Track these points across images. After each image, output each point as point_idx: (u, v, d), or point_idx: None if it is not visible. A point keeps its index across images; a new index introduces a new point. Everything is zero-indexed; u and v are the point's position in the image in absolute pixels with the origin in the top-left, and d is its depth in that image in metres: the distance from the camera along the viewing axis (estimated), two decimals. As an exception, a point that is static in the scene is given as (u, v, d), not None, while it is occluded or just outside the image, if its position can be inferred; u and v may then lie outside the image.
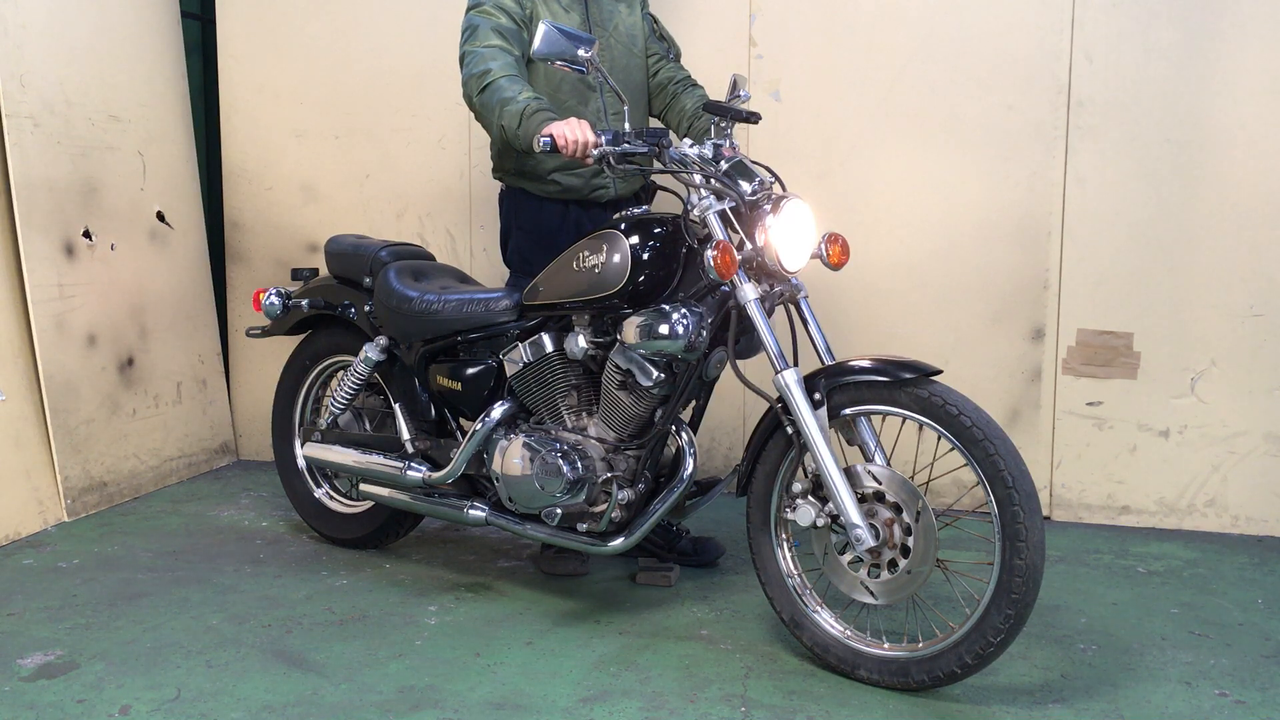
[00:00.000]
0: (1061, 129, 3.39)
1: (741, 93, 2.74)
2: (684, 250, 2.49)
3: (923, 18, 3.47)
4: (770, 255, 2.33)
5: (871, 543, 2.22)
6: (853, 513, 2.22)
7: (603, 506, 2.58)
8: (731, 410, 3.74)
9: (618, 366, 2.52)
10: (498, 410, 2.75)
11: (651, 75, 3.05)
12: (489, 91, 2.67)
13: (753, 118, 2.75)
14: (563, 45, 2.39)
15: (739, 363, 2.44)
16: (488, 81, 2.68)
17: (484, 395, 2.83)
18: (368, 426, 3.21)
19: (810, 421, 2.25)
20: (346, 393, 3.10)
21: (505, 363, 2.76)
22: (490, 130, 2.75)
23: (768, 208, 2.35)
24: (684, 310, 2.40)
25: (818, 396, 2.27)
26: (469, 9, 2.83)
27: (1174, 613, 2.74)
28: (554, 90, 2.84)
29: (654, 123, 3.13)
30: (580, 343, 2.58)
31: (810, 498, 2.31)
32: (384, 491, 2.98)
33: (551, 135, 2.43)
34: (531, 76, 2.82)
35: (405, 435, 2.97)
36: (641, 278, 2.46)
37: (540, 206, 2.93)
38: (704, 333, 2.41)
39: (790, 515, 2.35)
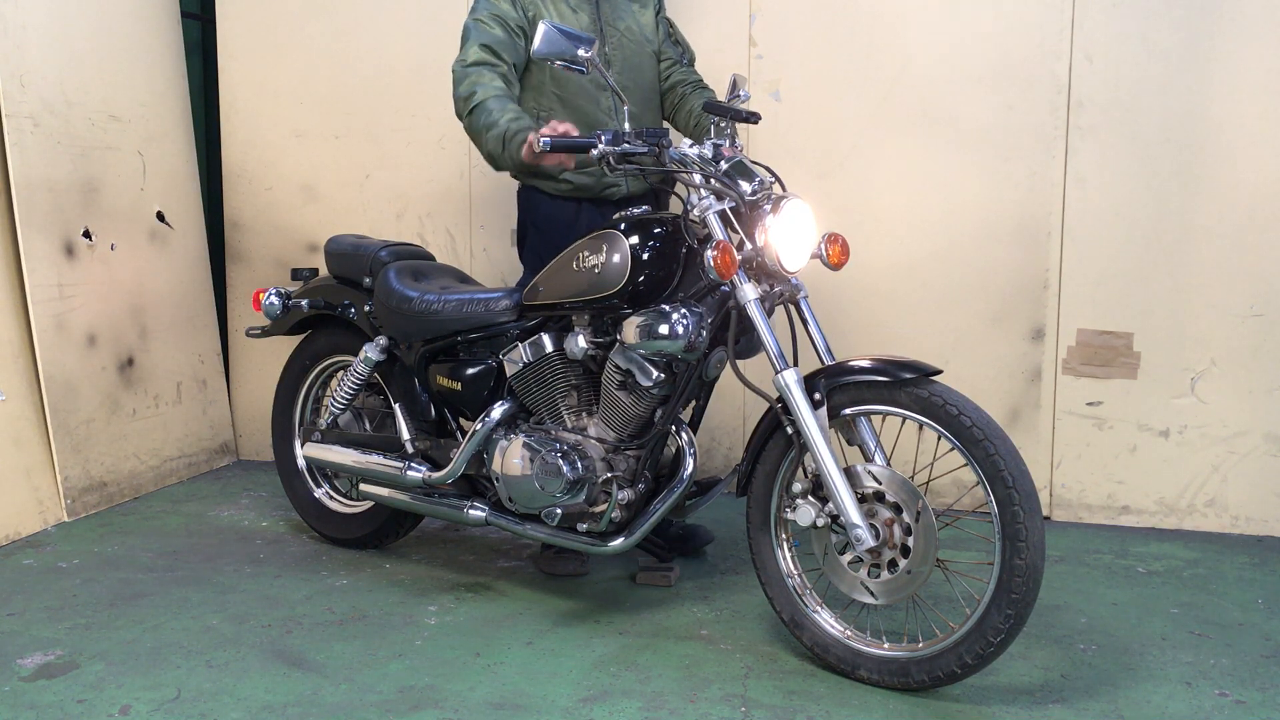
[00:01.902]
0: (1061, 129, 3.40)
1: (741, 93, 2.74)
2: (684, 250, 2.49)
3: (923, 18, 3.47)
4: (770, 255, 2.33)
5: (871, 543, 2.22)
6: (853, 513, 2.22)
7: (603, 506, 2.58)
8: (731, 410, 3.74)
9: (618, 366, 2.52)
10: (498, 410, 2.75)
11: (664, 78, 3.07)
12: (475, 114, 2.71)
13: (752, 118, 2.75)
14: (563, 45, 2.39)
15: (739, 363, 2.44)
16: (473, 105, 2.71)
17: (484, 395, 2.83)
18: (368, 426, 3.21)
19: (810, 421, 2.25)
20: (346, 393, 3.10)
21: (505, 363, 2.76)
22: (481, 152, 2.76)
23: (768, 208, 2.35)
24: (684, 310, 2.40)
25: (818, 396, 2.27)
26: (469, 15, 2.85)
27: (1174, 613, 2.74)
28: (560, 89, 2.85)
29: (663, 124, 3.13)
30: (580, 343, 2.58)
31: (810, 498, 2.31)
32: (384, 491, 2.98)
33: (548, 137, 2.41)
34: (539, 76, 2.83)
35: (405, 435, 2.97)
36: (641, 278, 2.45)
37: (553, 204, 2.95)
38: (704, 333, 2.41)
39: (790, 515, 2.35)
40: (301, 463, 3.27)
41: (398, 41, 3.94)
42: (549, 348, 2.67)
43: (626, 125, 2.46)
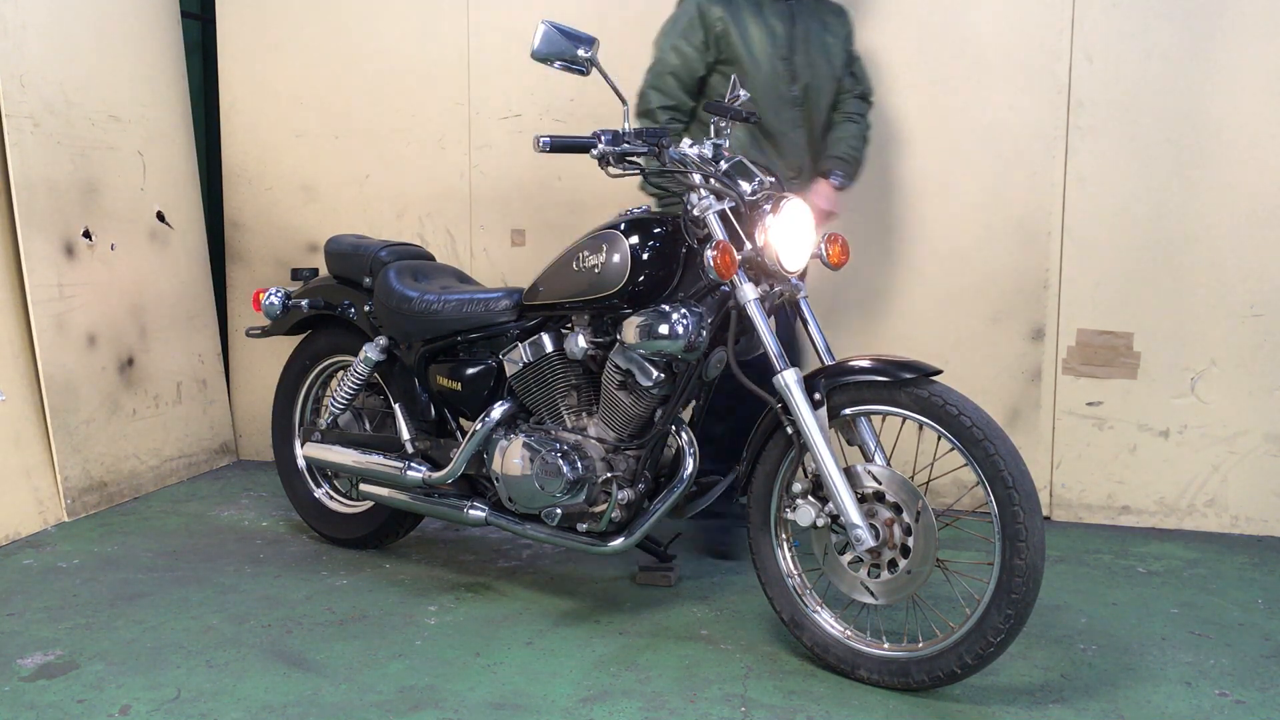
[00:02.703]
0: (1061, 129, 3.40)
1: (741, 93, 2.74)
2: (684, 250, 2.49)
3: (923, 18, 3.47)
4: (770, 255, 2.33)
5: (871, 543, 2.22)
6: (853, 513, 2.22)
7: (602, 506, 2.58)
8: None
9: (618, 366, 2.52)
10: (498, 410, 2.75)
11: (835, 108, 3.16)
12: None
13: (752, 118, 2.76)
14: (562, 45, 2.38)
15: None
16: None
17: (484, 395, 2.83)
18: (368, 426, 3.21)
19: (810, 422, 2.25)
20: (346, 393, 3.10)
21: (505, 363, 2.76)
22: None
23: (768, 208, 2.35)
24: (684, 310, 2.40)
25: (818, 396, 2.27)
26: (660, 35, 3.04)
27: (1174, 613, 2.74)
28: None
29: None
30: (580, 343, 2.58)
31: (810, 498, 2.31)
32: (384, 491, 2.98)
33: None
34: (721, 89, 2.95)
35: (405, 435, 2.97)
36: (641, 278, 2.46)
37: None
38: (704, 333, 2.41)
39: (790, 515, 2.35)
40: (301, 463, 3.27)
41: (398, 41, 3.94)
42: (549, 348, 2.67)
43: (626, 125, 2.46)
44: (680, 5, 3.07)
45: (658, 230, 2.48)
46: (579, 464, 2.55)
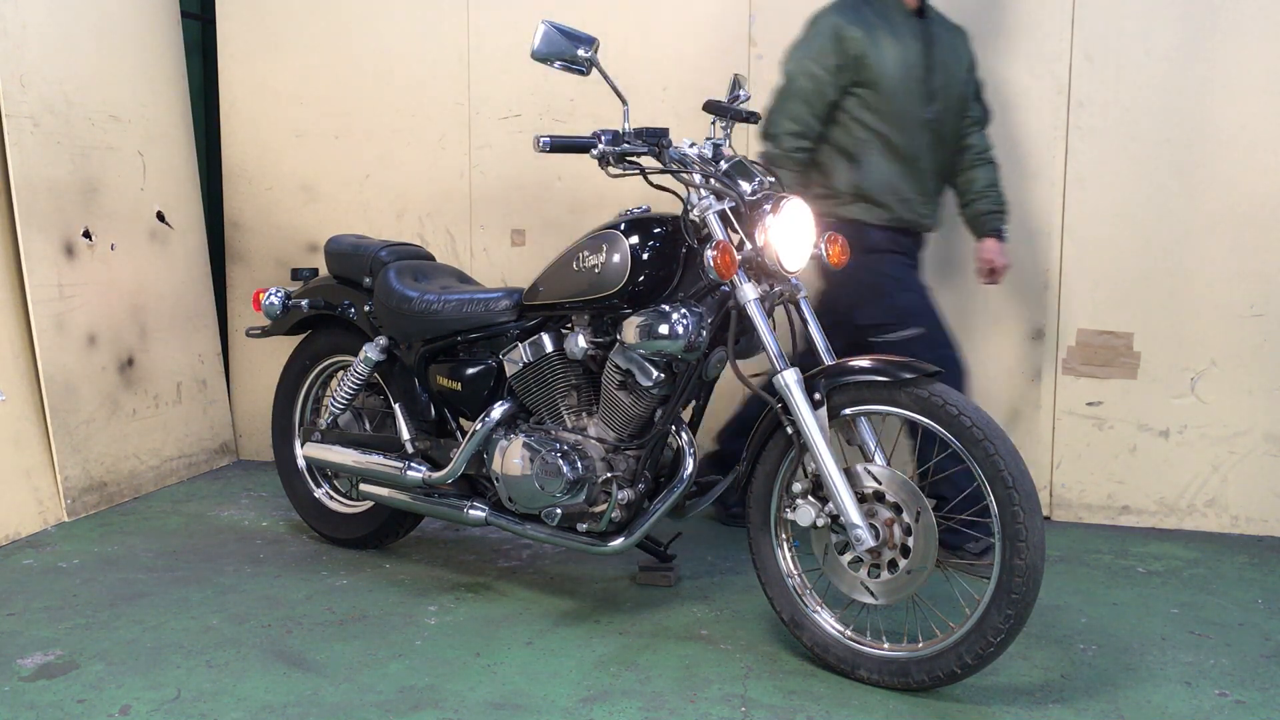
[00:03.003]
0: (1061, 129, 3.40)
1: (741, 93, 2.75)
2: (684, 250, 2.49)
3: (923, 18, 3.47)
4: (770, 255, 2.33)
5: (871, 543, 2.22)
6: (853, 513, 2.22)
7: (602, 506, 2.58)
8: (731, 410, 3.73)
9: (618, 366, 2.53)
10: (498, 410, 2.75)
11: (961, 137, 3.15)
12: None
13: (752, 118, 2.76)
14: (562, 45, 2.38)
15: (739, 362, 2.44)
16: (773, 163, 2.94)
17: (484, 395, 2.83)
18: (368, 426, 3.21)
19: (810, 422, 2.25)
20: (346, 393, 3.10)
21: (505, 363, 2.76)
22: None
23: (768, 208, 2.35)
24: (684, 310, 2.40)
25: (818, 396, 2.27)
26: (789, 61, 2.99)
27: (1174, 613, 2.74)
28: (881, 118, 2.96)
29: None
30: (580, 343, 2.59)
31: (810, 498, 2.31)
32: (384, 491, 2.98)
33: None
34: (857, 112, 2.97)
35: (405, 435, 2.97)
36: (641, 278, 2.46)
37: (880, 232, 3.03)
38: (704, 333, 2.41)
39: (790, 515, 2.35)
40: (301, 463, 3.27)
41: (398, 41, 3.94)
42: (549, 348, 2.67)
43: (626, 125, 2.45)
44: (812, 26, 3.01)
45: (658, 230, 2.48)
46: (579, 464, 2.55)
